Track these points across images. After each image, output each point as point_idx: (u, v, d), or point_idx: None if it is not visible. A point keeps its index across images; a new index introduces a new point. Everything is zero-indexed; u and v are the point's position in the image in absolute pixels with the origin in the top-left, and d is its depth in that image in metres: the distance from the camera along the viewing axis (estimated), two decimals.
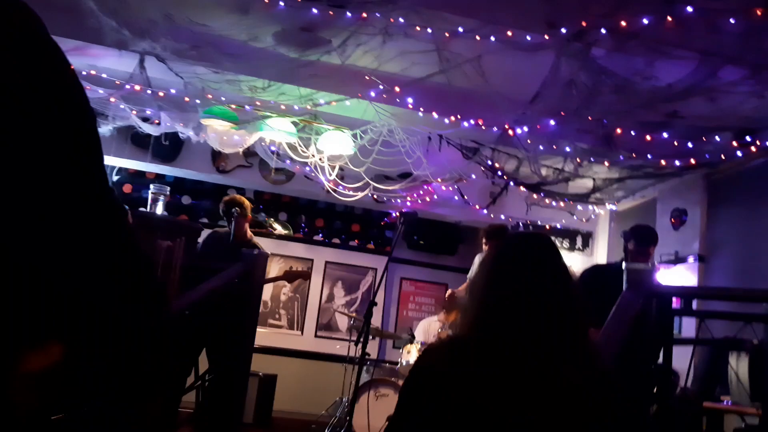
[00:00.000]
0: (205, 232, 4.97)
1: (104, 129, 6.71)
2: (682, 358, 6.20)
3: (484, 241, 5.37)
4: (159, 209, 3.67)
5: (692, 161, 5.38)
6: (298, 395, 7.76)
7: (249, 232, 5.23)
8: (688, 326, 6.62)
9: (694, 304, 6.52)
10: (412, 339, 6.88)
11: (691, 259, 6.72)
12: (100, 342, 0.85)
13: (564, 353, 1.56)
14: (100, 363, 0.86)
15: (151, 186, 3.76)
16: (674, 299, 3.95)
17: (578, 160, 5.72)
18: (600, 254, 8.45)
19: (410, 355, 6.49)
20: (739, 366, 5.61)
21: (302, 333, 8.40)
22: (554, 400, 1.48)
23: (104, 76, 5.83)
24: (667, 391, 5.10)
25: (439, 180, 7.45)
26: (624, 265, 2.53)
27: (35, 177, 0.76)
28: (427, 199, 7.49)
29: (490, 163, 6.51)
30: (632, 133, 5.04)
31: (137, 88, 5.83)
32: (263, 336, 7.73)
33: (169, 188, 3.96)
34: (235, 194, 5.43)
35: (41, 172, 0.77)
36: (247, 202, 5.22)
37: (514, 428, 1.45)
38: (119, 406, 0.91)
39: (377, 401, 6.04)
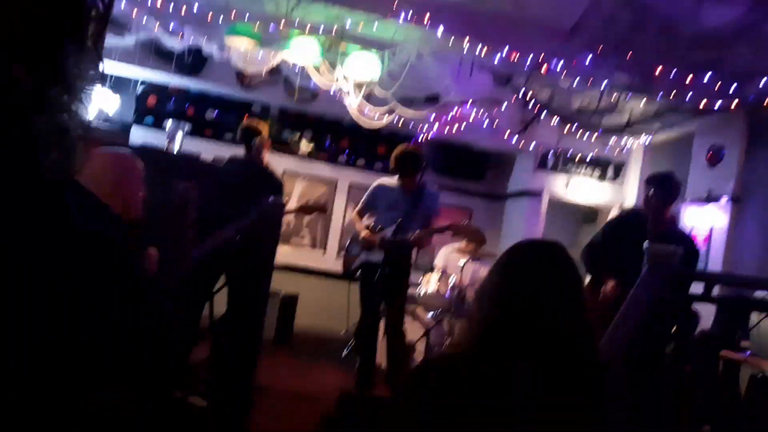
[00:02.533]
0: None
1: (127, 40, 6.54)
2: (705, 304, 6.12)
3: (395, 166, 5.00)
4: (176, 146, 3.58)
5: (734, 104, 5.11)
6: (318, 314, 7.88)
7: (266, 159, 5.15)
8: (714, 268, 6.51)
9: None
10: (431, 268, 6.88)
11: (723, 200, 6.52)
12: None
13: (569, 375, 1.48)
14: None
15: (169, 122, 3.65)
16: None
17: (615, 96, 5.47)
18: (631, 186, 8.25)
19: (429, 284, 6.49)
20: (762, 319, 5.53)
21: (325, 252, 8.45)
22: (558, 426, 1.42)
23: None
24: (686, 334, 5.06)
25: (469, 103, 7.23)
26: (645, 245, 2.41)
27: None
28: (456, 126, 7.29)
29: (523, 91, 6.26)
30: (673, 72, 4.77)
31: (159, 1, 5.66)
32: (286, 254, 7.79)
33: (189, 124, 3.84)
34: (252, 120, 5.29)
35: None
36: (265, 129, 5.12)
37: None
38: None
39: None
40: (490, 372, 1.45)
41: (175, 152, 3.56)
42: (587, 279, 4.49)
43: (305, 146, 8.46)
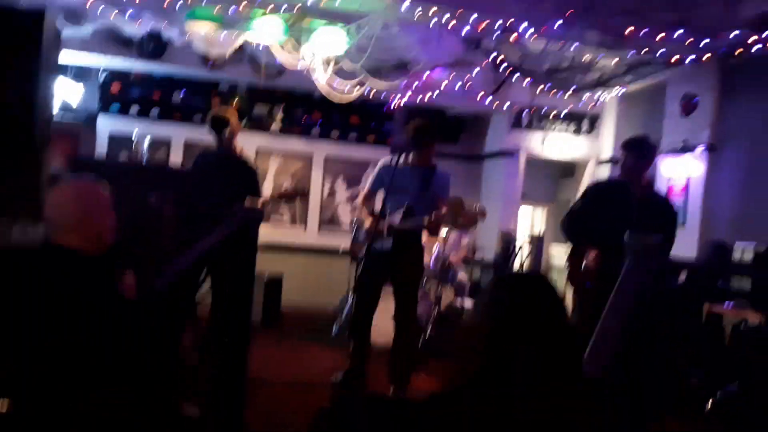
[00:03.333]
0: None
1: (84, 29, 6.34)
2: (688, 250, 6.18)
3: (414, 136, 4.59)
4: (144, 157, 3.49)
5: (705, 57, 5.07)
6: (304, 291, 7.88)
7: (238, 147, 5.04)
8: (693, 218, 6.57)
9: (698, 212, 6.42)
10: None
11: (699, 149, 6.54)
12: None
13: (562, 400, 1.49)
14: None
15: (134, 134, 3.55)
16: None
17: (586, 56, 5.42)
18: (607, 138, 8.25)
19: None
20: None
21: (305, 229, 8.40)
22: None
23: None
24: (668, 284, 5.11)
25: (440, 66, 7.13)
26: (626, 236, 2.38)
27: None
28: (429, 94, 7.19)
29: (494, 54, 6.16)
30: (643, 31, 4.71)
31: None
32: (266, 233, 7.72)
33: (149, 137, 3.72)
34: (221, 108, 5.13)
35: None
36: (235, 116, 4.97)
37: None
38: None
39: (382, 300, 6.08)
40: (483, 412, 1.45)
41: (143, 162, 3.47)
42: (568, 249, 4.49)
43: (277, 122, 8.32)
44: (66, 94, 7.67)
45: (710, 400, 4.78)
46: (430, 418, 1.52)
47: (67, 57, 7.08)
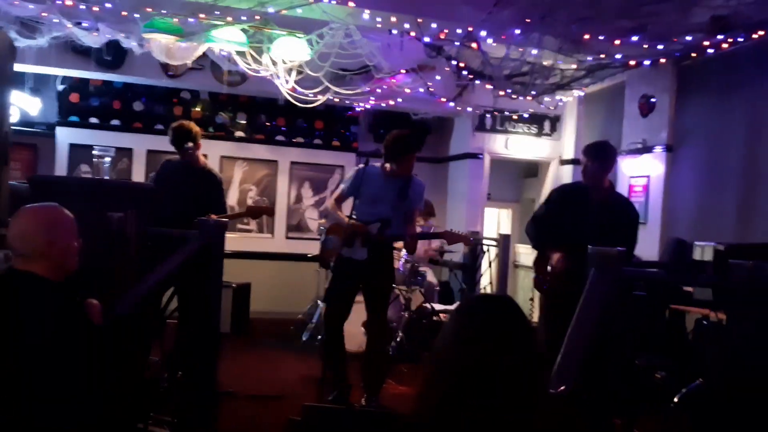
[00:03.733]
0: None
1: (41, 41, 6.22)
2: (650, 247, 6.30)
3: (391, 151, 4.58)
4: (105, 172, 3.45)
5: (662, 60, 5.19)
6: (274, 298, 7.83)
7: (202, 159, 5.01)
8: (654, 216, 6.70)
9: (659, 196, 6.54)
10: None
11: (658, 149, 6.67)
12: None
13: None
14: None
15: (94, 149, 3.51)
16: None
17: (546, 62, 5.50)
18: (568, 138, 8.37)
19: None
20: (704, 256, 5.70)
21: (273, 236, 8.36)
22: None
23: None
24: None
25: (403, 71, 7.15)
26: (590, 249, 2.44)
27: None
28: (391, 102, 7.22)
29: (455, 61, 6.21)
30: (601, 37, 4.80)
31: (69, 2, 5.37)
32: (234, 242, 7.67)
33: (114, 149, 3.69)
34: (182, 122, 5.06)
35: None
36: (196, 129, 4.95)
37: None
38: None
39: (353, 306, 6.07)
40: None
41: (104, 178, 3.43)
42: (535, 253, 4.57)
43: (240, 129, 8.27)
44: (24, 105, 7.53)
45: (676, 396, 4.88)
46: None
47: (24, 68, 6.95)
